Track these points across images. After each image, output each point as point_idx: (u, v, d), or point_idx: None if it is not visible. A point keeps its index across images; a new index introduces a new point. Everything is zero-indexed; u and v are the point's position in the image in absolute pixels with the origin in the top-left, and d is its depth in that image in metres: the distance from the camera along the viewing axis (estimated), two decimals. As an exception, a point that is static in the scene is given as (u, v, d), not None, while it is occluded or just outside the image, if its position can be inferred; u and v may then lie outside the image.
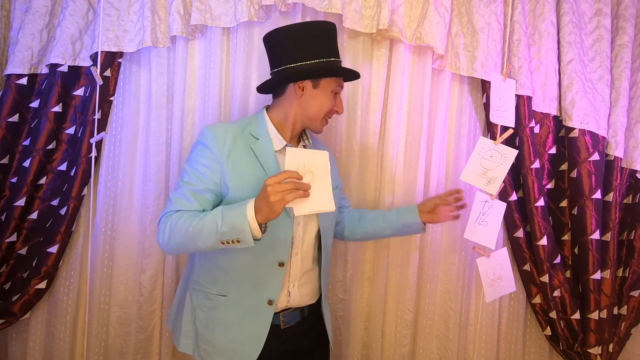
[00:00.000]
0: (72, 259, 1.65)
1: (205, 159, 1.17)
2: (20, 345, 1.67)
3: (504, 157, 1.31)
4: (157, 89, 1.68)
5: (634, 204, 1.68)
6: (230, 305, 1.21)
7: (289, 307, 1.26)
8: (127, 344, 1.71)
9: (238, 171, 1.17)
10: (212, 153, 1.16)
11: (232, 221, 1.02)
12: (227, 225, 1.02)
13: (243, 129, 1.23)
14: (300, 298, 1.27)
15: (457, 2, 1.67)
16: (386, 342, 1.75)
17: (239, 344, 1.20)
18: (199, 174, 1.16)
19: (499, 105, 1.32)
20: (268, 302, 1.20)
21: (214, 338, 1.22)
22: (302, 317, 1.29)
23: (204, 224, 1.05)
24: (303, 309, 1.29)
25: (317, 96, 1.24)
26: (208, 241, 1.05)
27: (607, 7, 1.69)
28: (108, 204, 1.67)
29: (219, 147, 1.17)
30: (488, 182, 1.32)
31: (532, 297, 1.70)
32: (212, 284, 1.24)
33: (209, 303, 1.24)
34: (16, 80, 1.56)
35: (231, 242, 1.03)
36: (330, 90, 1.25)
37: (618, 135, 1.66)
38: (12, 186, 1.57)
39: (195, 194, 1.14)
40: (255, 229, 1.01)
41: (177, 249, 1.12)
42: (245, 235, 1.01)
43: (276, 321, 1.23)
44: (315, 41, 1.21)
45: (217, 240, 1.04)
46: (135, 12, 1.59)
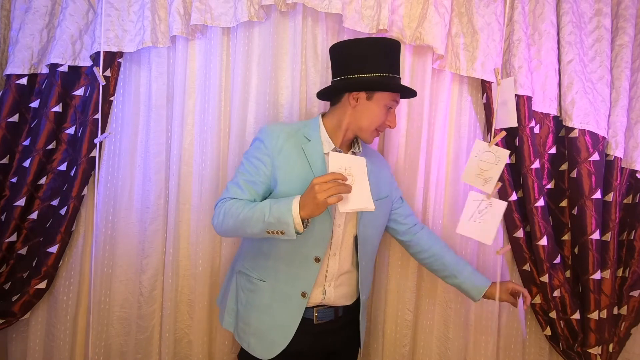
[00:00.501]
0: (72, 259, 1.65)
1: (259, 153, 1.27)
2: (20, 345, 1.67)
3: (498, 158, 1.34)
4: (157, 89, 1.68)
5: (634, 204, 1.68)
6: (268, 291, 1.31)
7: (323, 304, 1.33)
8: (127, 344, 1.71)
9: (287, 167, 1.26)
10: (265, 148, 1.26)
11: (278, 214, 1.11)
12: (274, 217, 1.11)
13: (298, 130, 1.32)
14: (335, 298, 1.33)
15: (457, 2, 1.67)
16: (386, 342, 1.75)
17: (270, 329, 1.30)
18: (252, 167, 1.27)
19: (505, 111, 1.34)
20: (302, 294, 1.28)
21: (250, 319, 1.32)
22: (335, 316, 1.35)
23: (253, 212, 1.16)
24: (337, 309, 1.35)
25: (370, 108, 1.28)
26: (255, 228, 1.15)
27: (607, 7, 1.69)
28: (108, 204, 1.67)
29: (273, 143, 1.26)
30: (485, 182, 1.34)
31: (532, 297, 1.70)
32: (255, 269, 1.34)
33: (250, 286, 1.34)
34: (16, 80, 1.56)
35: (275, 232, 1.13)
36: (384, 104, 1.28)
37: (618, 135, 1.66)
38: (12, 186, 1.57)
39: (247, 184, 1.26)
40: (298, 224, 1.10)
41: (228, 232, 1.23)
42: (289, 228, 1.10)
43: (309, 315, 1.31)
44: (374, 56, 1.26)
45: (263, 229, 1.14)
46: (135, 12, 1.59)
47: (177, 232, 1.69)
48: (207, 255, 1.69)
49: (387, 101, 1.28)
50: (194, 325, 1.69)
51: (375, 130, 1.31)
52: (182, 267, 1.72)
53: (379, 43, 1.27)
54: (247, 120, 1.66)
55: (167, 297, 1.69)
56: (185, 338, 1.74)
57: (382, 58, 1.26)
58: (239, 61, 1.64)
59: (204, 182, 1.67)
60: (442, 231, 1.75)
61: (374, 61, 1.26)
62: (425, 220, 1.73)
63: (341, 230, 1.31)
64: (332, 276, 1.32)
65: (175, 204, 1.68)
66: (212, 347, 1.74)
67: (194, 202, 1.67)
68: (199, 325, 1.68)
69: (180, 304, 1.73)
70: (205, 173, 1.67)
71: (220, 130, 1.69)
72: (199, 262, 1.68)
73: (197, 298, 1.68)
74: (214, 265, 1.72)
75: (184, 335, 1.74)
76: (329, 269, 1.31)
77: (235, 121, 1.65)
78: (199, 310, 1.68)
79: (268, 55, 1.64)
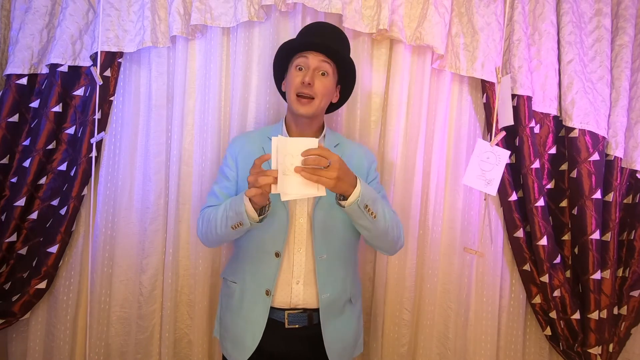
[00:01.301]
0: (72, 259, 1.65)
1: (225, 161, 1.35)
2: (20, 345, 1.67)
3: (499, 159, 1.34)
4: (157, 89, 1.68)
5: (634, 204, 1.68)
6: (238, 292, 1.30)
7: (295, 307, 1.26)
8: (127, 344, 1.71)
9: (246, 164, 1.28)
10: (230, 155, 1.34)
11: (234, 206, 1.14)
12: (232, 210, 1.14)
13: (262, 134, 1.36)
14: (304, 297, 1.25)
15: (457, 2, 1.67)
16: (385, 341, 1.75)
17: (242, 331, 1.27)
18: (222, 175, 1.34)
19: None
20: (265, 291, 1.25)
21: (227, 323, 1.32)
22: (309, 323, 1.26)
23: (219, 213, 1.20)
24: (311, 315, 1.26)
25: (287, 82, 1.31)
26: (222, 227, 1.18)
27: (607, 7, 1.69)
28: (108, 204, 1.67)
29: (234, 149, 1.34)
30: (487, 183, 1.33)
31: (532, 297, 1.70)
32: (230, 272, 1.37)
33: (227, 290, 1.36)
34: (16, 80, 1.56)
35: (237, 225, 1.14)
36: (294, 67, 1.27)
37: (618, 135, 1.66)
38: (12, 186, 1.57)
39: (221, 190, 1.31)
40: (250, 210, 1.10)
41: (210, 238, 1.26)
42: (243, 217, 1.11)
43: (280, 318, 1.25)
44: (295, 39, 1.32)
45: (227, 225, 1.16)
46: (135, 12, 1.59)
47: (177, 232, 1.69)
48: (207, 255, 1.69)
49: (295, 62, 1.27)
50: (194, 325, 1.69)
51: (298, 97, 1.24)
52: (182, 267, 1.72)
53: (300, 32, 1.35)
54: (247, 120, 1.65)
55: (167, 297, 1.69)
56: (185, 338, 1.74)
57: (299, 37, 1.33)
58: (239, 61, 1.64)
59: (204, 182, 1.67)
60: (441, 231, 1.75)
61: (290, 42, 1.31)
62: (425, 220, 1.73)
63: (305, 222, 1.25)
64: (299, 273, 1.24)
65: (175, 204, 1.68)
66: (212, 347, 1.74)
67: (194, 202, 1.67)
68: (199, 325, 1.68)
69: (180, 304, 1.73)
70: (205, 173, 1.67)
71: (220, 130, 1.69)
72: (199, 262, 1.68)
73: (197, 298, 1.68)
74: (214, 265, 1.72)
75: (184, 335, 1.74)
76: (294, 265, 1.24)
77: (235, 121, 1.65)
78: (199, 310, 1.68)
79: (268, 55, 1.64)
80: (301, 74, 1.25)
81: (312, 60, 1.25)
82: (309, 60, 1.25)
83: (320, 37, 1.29)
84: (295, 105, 1.25)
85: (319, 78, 1.25)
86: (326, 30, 1.33)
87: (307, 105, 1.25)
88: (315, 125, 1.33)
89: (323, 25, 1.35)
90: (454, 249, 1.76)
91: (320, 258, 1.25)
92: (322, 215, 1.25)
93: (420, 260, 1.75)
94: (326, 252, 1.26)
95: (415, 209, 1.71)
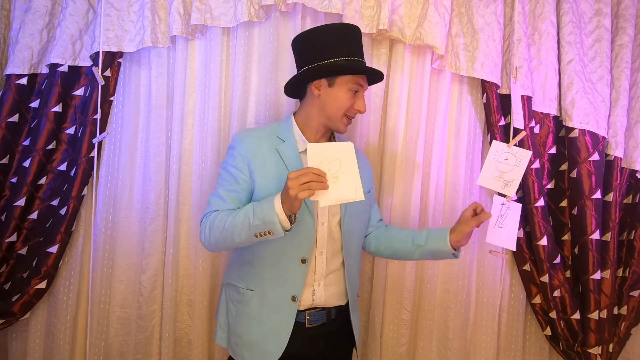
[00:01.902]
0: (72, 259, 1.65)
1: (234, 161, 1.26)
2: (20, 345, 1.67)
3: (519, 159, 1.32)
4: (157, 89, 1.68)
5: (634, 204, 1.68)
6: (256, 299, 1.26)
7: (315, 307, 1.27)
8: (127, 344, 1.71)
9: (263, 170, 1.24)
10: (240, 155, 1.25)
11: (262, 215, 1.09)
12: (258, 219, 1.09)
13: (271, 133, 1.30)
14: (326, 298, 1.28)
15: (457, 2, 1.67)
16: (384, 341, 1.75)
17: (263, 339, 1.24)
18: (230, 176, 1.25)
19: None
20: (292, 298, 1.23)
21: (241, 331, 1.27)
22: (328, 319, 1.30)
23: (237, 220, 1.13)
24: (330, 311, 1.30)
25: (334, 94, 1.25)
26: (242, 235, 1.12)
27: (607, 7, 1.69)
28: (108, 204, 1.67)
29: (246, 149, 1.25)
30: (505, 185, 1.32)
31: (532, 297, 1.70)
32: (241, 279, 1.31)
33: (239, 297, 1.30)
34: (16, 80, 1.56)
35: (263, 234, 1.10)
36: (347, 88, 1.25)
37: (618, 135, 1.66)
38: (12, 186, 1.57)
39: (228, 194, 1.23)
40: (284, 220, 1.07)
41: (218, 245, 1.20)
42: (275, 226, 1.07)
43: (301, 319, 1.25)
44: (332, 42, 1.24)
45: (250, 234, 1.11)
46: (135, 12, 1.59)
47: (177, 232, 1.69)
48: (207, 255, 1.69)
49: (351, 85, 1.25)
50: (194, 325, 1.69)
51: (345, 117, 1.28)
52: (182, 267, 1.72)
53: (335, 29, 1.26)
54: (247, 120, 1.65)
55: (167, 297, 1.69)
56: (185, 338, 1.74)
57: (339, 43, 1.24)
58: (239, 61, 1.64)
59: (204, 182, 1.67)
60: (442, 231, 1.75)
61: (332, 47, 1.24)
62: (425, 221, 1.73)
63: (325, 227, 1.27)
64: (320, 275, 1.27)
65: (175, 204, 1.68)
66: (212, 347, 1.74)
67: (194, 202, 1.67)
68: (199, 325, 1.68)
69: (180, 304, 1.73)
70: (205, 173, 1.67)
71: (220, 130, 1.69)
72: (199, 262, 1.68)
73: (197, 298, 1.68)
74: (214, 265, 1.72)
75: (184, 335, 1.74)
76: (316, 268, 1.26)
77: (235, 121, 1.65)
78: (199, 310, 1.68)
79: (268, 55, 1.64)
80: (354, 98, 1.26)
81: (365, 89, 1.30)
82: (364, 89, 1.29)
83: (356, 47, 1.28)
84: (340, 125, 1.28)
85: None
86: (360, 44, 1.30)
87: (347, 126, 1.31)
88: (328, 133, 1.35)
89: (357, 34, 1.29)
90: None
91: (347, 261, 1.30)
92: (347, 221, 1.29)
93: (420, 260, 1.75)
94: (349, 256, 1.31)
95: (415, 209, 1.71)
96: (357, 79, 1.26)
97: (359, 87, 1.27)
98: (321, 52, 1.24)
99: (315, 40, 1.25)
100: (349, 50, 1.25)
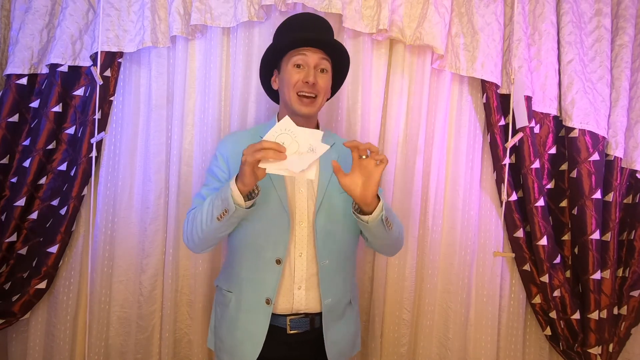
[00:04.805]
0: (72, 259, 1.65)
1: (216, 161, 1.29)
2: (20, 345, 1.67)
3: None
4: (157, 89, 1.68)
5: (634, 204, 1.68)
6: (234, 301, 1.25)
7: (297, 313, 1.22)
8: (127, 344, 1.71)
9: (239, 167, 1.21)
10: (220, 155, 1.28)
11: (220, 194, 1.09)
12: (218, 198, 1.09)
13: (254, 133, 1.30)
14: (306, 302, 1.21)
15: (457, 2, 1.67)
16: (385, 341, 1.75)
17: (239, 342, 1.21)
18: (212, 175, 1.27)
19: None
20: (266, 300, 1.19)
21: (222, 334, 1.27)
22: (311, 327, 1.23)
23: (204, 206, 1.14)
24: (314, 318, 1.23)
25: (283, 78, 1.25)
26: (208, 220, 1.11)
27: (607, 7, 1.69)
28: (108, 204, 1.67)
29: (225, 149, 1.28)
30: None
31: (532, 297, 1.70)
32: (225, 281, 1.31)
33: (222, 299, 1.30)
34: (16, 80, 1.56)
35: (223, 214, 1.07)
36: (292, 65, 1.22)
37: (618, 135, 1.66)
38: (12, 186, 1.57)
39: (209, 192, 1.23)
40: (237, 195, 1.04)
41: (194, 240, 1.18)
42: (229, 202, 1.04)
43: (281, 324, 1.21)
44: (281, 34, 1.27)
45: (214, 217, 1.09)
46: (135, 12, 1.59)
47: (177, 232, 1.69)
48: (207, 255, 1.69)
49: (293, 60, 1.22)
50: (194, 325, 1.69)
51: (299, 97, 1.21)
52: (182, 267, 1.72)
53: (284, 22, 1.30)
54: (247, 120, 1.65)
55: (167, 297, 1.69)
56: (185, 338, 1.74)
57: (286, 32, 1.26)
58: (239, 61, 1.64)
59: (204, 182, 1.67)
60: (441, 231, 1.75)
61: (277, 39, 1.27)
62: (425, 220, 1.73)
63: (305, 227, 1.21)
64: (300, 278, 1.20)
65: (175, 204, 1.68)
66: (212, 347, 1.75)
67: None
68: (199, 325, 1.68)
69: (180, 304, 1.73)
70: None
71: (220, 130, 1.69)
72: (199, 262, 1.68)
73: (197, 298, 1.68)
74: (214, 265, 1.72)
75: (184, 335, 1.74)
76: (295, 270, 1.20)
77: (235, 121, 1.65)
78: (198, 310, 1.68)
79: (268, 55, 1.64)
80: (301, 72, 1.21)
81: (311, 58, 1.22)
82: (308, 57, 1.22)
83: (313, 31, 1.26)
84: (296, 105, 1.22)
85: (320, 76, 1.23)
86: (316, 24, 1.28)
87: (309, 105, 1.22)
88: (312, 124, 1.30)
89: (310, 18, 1.29)
90: (454, 249, 1.76)
91: (323, 264, 1.21)
92: (323, 220, 1.22)
93: (420, 260, 1.75)
94: (328, 258, 1.22)
95: (415, 209, 1.71)
96: (299, 52, 1.21)
97: (303, 59, 1.22)
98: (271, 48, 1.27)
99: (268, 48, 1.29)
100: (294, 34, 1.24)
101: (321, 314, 1.23)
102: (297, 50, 1.22)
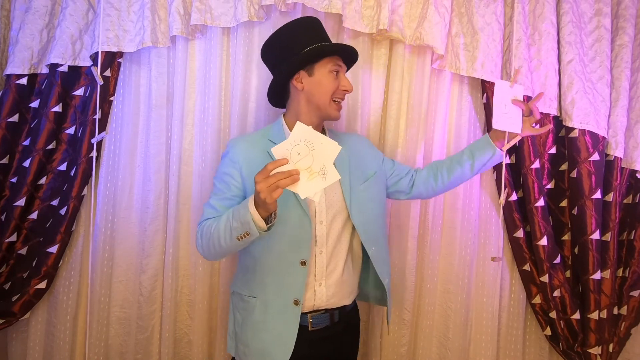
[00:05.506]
0: (72, 259, 1.65)
1: (226, 168, 1.26)
2: (20, 345, 1.67)
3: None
4: (157, 89, 1.68)
5: (634, 204, 1.68)
6: (259, 306, 1.25)
7: (317, 309, 1.26)
8: (127, 344, 1.71)
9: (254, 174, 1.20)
10: (231, 161, 1.26)
11: (239, 216, 1.08)
12: (236, 221, 1.08)
13: (262, 136, 1.30)
14: (327, 298, 1.26)
15: (457, 2, 1.67)
16: (385, 341, 1.75)
17: (269, 345, 1.22)
18: (223, 183, 1.26)
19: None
20: (294, 302, 1.22)
21: (247, 339, 1.26)
22: (331, 322, 1.28)
23: (221, 224, 1.13)
24: (333, 313, 1.28)
25: (318, 81, 1.25)
26: (227, 239, 1.12)
27: (607, 7, 1.69)
28: (108, 204, 1.67)
29: (237, 155, 1.26)
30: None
31: (532, 297, 1.70)
32: (245, 286, 1.30)
33: (243, 305, 1.30)
34: (16, 80, 1.56)
35: (243, 236, 1.08)
36: (328, 70, 1.25)
37: (618, 135, 1.66)
38: (12, 186, 1.57)
39: (219, 202, 1.24)
40: (259, 220, 1.04)
41: (211, 253, 1.20)
42: (250, 227, 1.05)
43: (304, 322, 1.24)
44: (301, 35, 1.26)
45: (233, 237, 1.10)
46: (135, 12, 1.59)
47: (177, 232, 1.69)
48: (207, 255, 1.69)
49: (330, 66, 1.25)
50: (194, 325, 1.69)
51: (334, 102, 1.27)
52: (182, 267, 1.72)
53: (297, 23, 1.28)
54: (247, 120, 1.66)
55: (167, 297, 1.69)
56: (185, 338, 1.74)
57: (307, 33, 1.26)
58: (239, 61, 1.64)
59: (204, 182, 1.67)
60: (441, 231, 1.75)
61: (301, 39, 1.25)
62: (425, 220, 1.73)
63: (324, 226, 1.25)
64: (320, 275, 1.25)
65: (175, 204, 1.68)
66: (212, 347, 1.74)
67: (194, 202, 1.67)
68: (199, 325, 1.68)
69: (180, 304, 1.73)
70: (205, 173, 1.67)
71: (220, 130, 1.69)
72: (199, 262, 1.68)
73: (197, 298, 1.68)
74: (214, 265, 1.72)
75: (184, 335, 1.74)
76: (317, 268, 1.25)
77: (235, 121, 1.65)
78: (198, 310, 1.68)
79: (268, 55, 1.64)
80: (337, 79, 1.27)
81: (343, 67, 1.30)
82: (342, 67, 1.29)
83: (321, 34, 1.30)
84: (332, 110, 1.27)
85: None
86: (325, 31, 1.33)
87: (339, 111, 1.30)
88: (320, 125, 1.34)
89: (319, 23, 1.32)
90: (454, 249, 1.76)
91: (372, 251, 1.29)
92: (357, 213, 1.28)
93: (420, 260, 1.75)
94: (374, 245, 1.31)
95: (415, 209, 1.71)
96: (335, 60, 1.26)
97: (339, 68, 1.27)
98: (292, 47, 1.25)
99: (283, 39, 1.27)
100: (317, 37, 1.27)
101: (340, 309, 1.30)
102: (335, 58, 1.27)
